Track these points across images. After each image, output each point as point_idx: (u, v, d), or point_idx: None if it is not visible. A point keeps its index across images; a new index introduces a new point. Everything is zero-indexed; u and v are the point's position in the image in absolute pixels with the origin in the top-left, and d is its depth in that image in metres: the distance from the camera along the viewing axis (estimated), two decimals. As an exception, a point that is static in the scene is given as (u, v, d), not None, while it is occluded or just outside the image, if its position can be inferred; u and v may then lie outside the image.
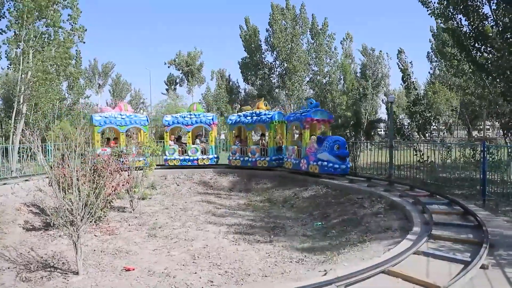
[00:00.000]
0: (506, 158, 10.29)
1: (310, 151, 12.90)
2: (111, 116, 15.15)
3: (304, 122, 13.15)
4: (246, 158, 15.29)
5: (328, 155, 12.25)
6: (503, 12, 11.03)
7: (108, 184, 8.68)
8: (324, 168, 12.32)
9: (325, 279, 4.09)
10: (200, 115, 16.50)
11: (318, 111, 13.49)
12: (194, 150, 16.12)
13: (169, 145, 16.26)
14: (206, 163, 16.11)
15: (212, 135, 16.47)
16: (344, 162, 12.25)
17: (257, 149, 15.12)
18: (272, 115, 14.93)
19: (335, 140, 12.54)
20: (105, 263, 6.69)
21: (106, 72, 45.06)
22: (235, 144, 15.93)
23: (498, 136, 25.30)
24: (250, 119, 15.36)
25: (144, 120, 15.98)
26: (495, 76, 11.99)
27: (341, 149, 12.29)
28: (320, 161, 12.46)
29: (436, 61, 30.34)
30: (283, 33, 33.00)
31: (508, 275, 4.26)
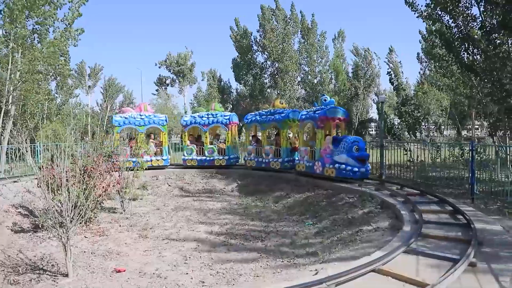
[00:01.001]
0: (494, 157, 10.45)
1: (325, 153, 11.79)
2: (131, 117, 15.63)
3: (318, 121, 12.11)
4: (261, 159, 14.68)
5: (346, 157, 11.10)
6: (490, 14, 11.19)
7: (98, 185, 8.63)
8: (342, 171, 11.17)
9: (316, 278, 4.11)
10: (218, 114, 16.03)
11: (333, 109, 12.37)
12: (211, 151, 15.78)
13: (187, 145, 16.16)
14: (222, 164, 15.66)
15: (228, 135, 15.91)
16: (364, 165, 11.15)
17: (271, 150, 14.40)
18: (286, 113, 14.10)
19: (354, 140, 11.48)
20: (95, 264, 6.64)
21: (95, 73, 44.67)
22: (251, 145, 15.40)
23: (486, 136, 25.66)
24: (265, 117, 14.70)
25: (163, 120, 16.09)
26: (482, 77, 12.16)
27: (360, 150, 11.22)
28: (337, 164, 11.32)
29: (426, 62, 30.66)
30: (274, 33, 33.08)
31: (496, 272, 4.32)
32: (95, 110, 44.15)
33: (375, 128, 44.58)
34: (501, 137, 15.02)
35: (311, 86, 34.39)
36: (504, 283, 4.05)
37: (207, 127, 15.92)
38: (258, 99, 35.08)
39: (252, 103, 36.05)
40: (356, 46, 39.33)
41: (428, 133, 35.64)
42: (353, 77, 37.98)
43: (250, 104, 35.91)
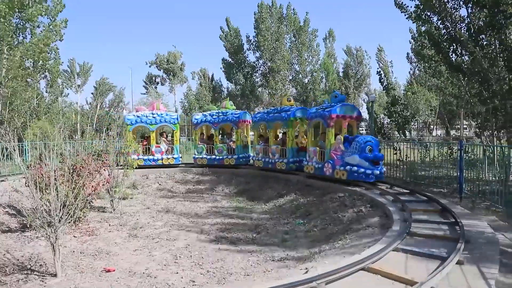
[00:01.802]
0: (481, 157, 10.58)
1: (336, 154, 10.93)
2: (143, 115, 15.78)
3: (328, 119, 11.17)
4: (267, 159, 14.05)
5: (359, 159, 10.26)
6: (477, 15, 11.35)
7: (87, 184, 8.55)
8: (354, 174, 10.33)
9: (306, 277, 4.13)
10: (228, 112, 15.67)
11: (344, 106, 11.44)
12: (220, 149, 15.54)
13: (197, 144, 16.07)
14: (231, 163, 15.34)
15: (238, 134, 15.46)
16: (377, 167, 10.29)
17: (277, 150, 13.68)
18: (291, 111, 13.29)
19: (367, 140, 10.56)
20: (85, 264, 6.58)
21: (85, 72, 44.14)
22: (259, 144, 14.87)
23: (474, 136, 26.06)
24: (272, 116, 14.02)
25: (174, 119, 16.05)
26: (470, 77, 12.33)
27: (374, 151, 10.35)
28: (348, 166, 10.48)
29: (416, 62, 30.98)
30: (269, 31, 33.07)
31: (483, 270, 4.39)
32: (84, 109, 43.63)
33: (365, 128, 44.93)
34: (489, 137, 15.24)
35: (302, 85, 34.48)
36: (490, 280, 4.11)
37: (217, 126, 15.79)
38: (249, 98, 35.08)
39: (244, 102, 36.02)
40: (349, 46, 39.57)
41: (418, 133, 36.01)
42: (344, 76, 38.19)
43: (241, 103, 35.87)
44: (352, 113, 11.60)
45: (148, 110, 16.36)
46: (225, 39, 36.14)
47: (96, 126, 39.90)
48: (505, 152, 9.34)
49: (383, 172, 10.74)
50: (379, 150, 10.73)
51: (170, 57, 45.25)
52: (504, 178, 8.71)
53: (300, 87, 34.45)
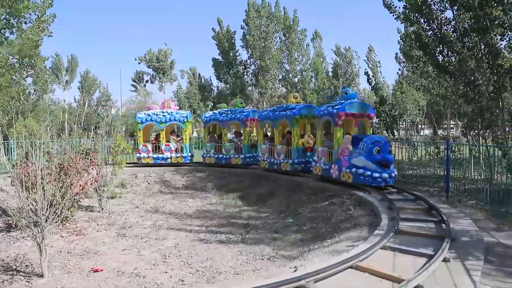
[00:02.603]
0: (468, 156, 10.75)
1: (343, 155, 10.18)
2: (153, 114, 15.82)
3: (336, 118, 10.40)
4: (272, 160, 13.33)
5: (365, 161, 9.52)
6: (463, 17, 11.53)
7: (75, 183, 8.45)
8: (360, 177, 9.63)
9: (295, 275, 4.15)
10: (236, 111, 15.35)
11: (355, 104, 10.62)
12: (228, 148, 15.15)
13: (206, 143, 15.89)
14: (238, 162, 14.95)
15: (245, 133, 15.01)
16: (386, 170, 9.47)
17: (282, 150, 12.91)
18: (297, 108, 12.49)
19: (375, 140, 9.70)
20: (72, 264, 6.50)
21: (72, 67, 43.44)
22: (264, 143, 14.10)
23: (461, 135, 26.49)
24: (277, 114, 13.27)
25: (184, 117, 15.90)
26: (456, 78, 12.52)
27: (383, 152, 9.52)
28: (354, 168, 9.77)
29: (404, 62, 31.31)
30: (258, 30, 33.06)
31: (468, 267, 4.47)
32: (72, 107, 43.09)
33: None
34: (475, 136, 15.49)
35: (292, 84, 34.57)
36: (475, 277, 4.19)
37: (226, 124, 15.47)
38: (240, 97, 35.04)
39: (234, 101, 35.96)
40: (338, 46, 39.79)
41: (406, 132, 36.42)
42: (333, 76, 38.41)
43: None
44: (363, 111, 10.77)
45: (160, 108, 16.38)
46: (217, 38, 36.05)
47: (84, 124, 39.47)
48: (490, 152, 9.51)
49: (394, 176, 9.72)
50: (389, 151, 9.75)
51: (160, 55, 44.97)
52: (489, 177, 8.88)
53: (290, 86, 34.53)
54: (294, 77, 34.74)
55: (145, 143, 15.96)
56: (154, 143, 16.00)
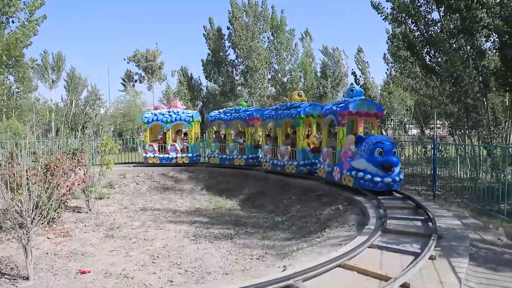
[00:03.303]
0: (454, 155, 10.95)
1: (346, 156, 9.48)
2: (160, 113, 15.75)
3: (339, 116, 9.76)
4: (276, 161, 12.66)
5: (366, 163, 8.84)
6: (449, 18, 11.72)
7: (62, 184, 8.33)
8: (360, 181, 8.91)
9: (283, 274, 4.16)
10: (240, 110, 14.84)
11: (360, 101, 9.87)
12: (231, 149, 14.70)
13: (211, 143, 15.60)
14: (241, 163, 14.45)
15: (248, 132, 14.50)
16: (389, 174, 8.69)
17: (286, 151, 12.21)
18: (302, 107, 11.80)
19: (377, 141, 8.94)
20: (58, 266, 6.41)
21: (59, 66, 42.70)
22: (267, 144, 13.47)
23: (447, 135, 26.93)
24: (281, 112, 12.53)
25: (190, 116, 15.66)
26: (443, 78, 12.72)
27: (386, 154, 8.73)
28: (354, 171, 9.10)
29: (392, 63, 31.64)
30: (244, 30, 33.01)
31: (453, 264, 4.54)
32: (59, 106, 42.46)
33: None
34: (461, 136, 15.75)
35: (281, 84, 34.64)
36: (460, 274, 4.27)
37: (230, 123, 14.97)
38: (229, 97, 34.98)
39: (223, 100, 35.89)
40: (325, 46, 39.98)
41: (394, 132, 36.82)
42: (321, 76, 38.60)
43: (221, 102, 35.74)
44: (370, 109, 10.00)
45: (167, 108, 16.27)
46: (207, 38, 35.95)
47: (72, 124, 38.95)
48: (476, 151, 9.68)
49: (399, 181, 8.95)
50: (393, 153, 8.86)
51: (149, 55, 44.61)
52: (475, 176, 9.04)
53: (279, 86, 34.60)
54: (283, 77, 34.80)
55: (151, 142, 15.91)
56: (160, 143, 15.89)
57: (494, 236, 6.12)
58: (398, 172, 9.03)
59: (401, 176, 9.07)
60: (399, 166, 9.08)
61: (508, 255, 5.23)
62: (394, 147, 9.01)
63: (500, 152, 8.52)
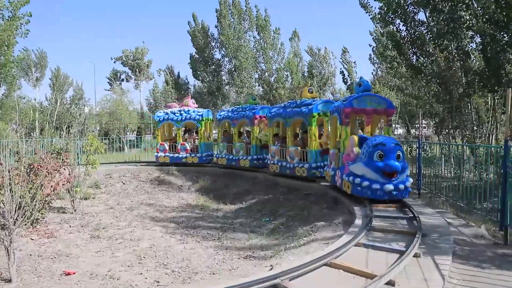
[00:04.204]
0: (438, 155, 11.11)
1: (348, 159, 8.50)
2: (171, 113, 15.55)
3: (343, 115, 8.82)
4: (284, 164, 11.66)
5: (364, 168, 7.85)
6: (435, 20, 11.91)
7: (46, 184, 8.20)
8: (357, 187, 7.99)
9: (270, 273, 4.18)
10: (246, 108, 14.14)
11: (366, 98, 8.89)
12: (238, 149, 14.05)
13: (219, 142, 15.13)
14: (246, 165, 13.69)
15: (253, 132, 13.70)
16: (391, 181, 7.65)
17: (296, 152, 11.22)
18: (314, 104, 10.78)
19: (377, 143, 7.85)
20: (42, 268, 6.30)
21: (42, 63, 41.88)
22: (274, 144, 12.45)
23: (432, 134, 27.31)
24: (290, 110, 11.55)
25: (199, 115, 15.32)
26: (429, 79, 12.92)
27: (387, 158, 7.66)
28: (352, 176, 8.15)
29: (378, 63, 31.97)
30: (231, 29, 32.97)
31: (437, 262, 4.62)
32: (43, 105, 41.71)
33: (330, 127, 46.00)
34: (445, 135, 16.03)
35: (268, 84, 34.69)
36: (444, 271, 4.34)
37: (236, 122, 14.25)
38: (216, 96, 34.90)
39: (211, 100, 35.78)
40: (310, 46, 40.22)
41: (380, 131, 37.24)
42: (308, 76, 38.79)
43: (208, 101, 35.62)
44: (378, 106, 8.94)
45: (179, 107, 16.13)
46: (193, 35, 35.74)
47: (56, 124, 38.32)
48: (460, 150, 9.85)
49: (404, 189, 7.79)
50: (397, 157, 7.75)
51: (137, 53, 44.15)
52: (458, 175, 9.20)
53: (267, 86, 34.66)
54: (270, 76, 34.87)
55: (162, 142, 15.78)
56: (171, 142, 15.71)
57: (477, 234, 6.25)
58: (405, 178, 7.90)
59: (407, 184, 7.86)
60: (405, 171, 7.95)
61: (490, 252, 5.34)
62: (398, 149, 7.87)
63: (483, 152, 8.67)
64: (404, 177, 7.93)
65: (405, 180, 7.91)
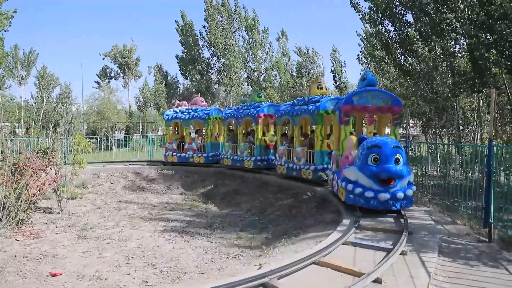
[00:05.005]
0: (425, 154, 11.25)
1: (345, 162, 7.60)
2: (180, 111, 15.31)
3: (342, 113, 8.01)
4: (291, 165, 10.96)
5: (358, 173, 6.94)
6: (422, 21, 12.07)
7: (32, 184, 8.07)
8: (349, 195, 7.12)
9: (259, 272, 4.19)
10: (251, 106, 13.37)
11: (368, 93, 7.89)
12: (242, 149, 13.28)
13: (225, 142, 14.46)
14: (250, 166, 12.92)
15: (257, 131, 12.84)
16: (387, 188, 6.69)
17: (302, 153, 10.50)
18: (321, 102, 9.92)
19: (373, 145, 6.89)
20: (28, 269, 6.19)
21: (29, 62, 41.18)
22: (282, 144, 11.73)
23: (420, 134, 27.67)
24: (298, 108, 10.71)
25: (206, 114, 14.88)
26: (416, 79, 13.09)
27: (381, 162, 6.70)
28: (345, 182, 7.29)
29: (366, 63, 32.24)
30: (219, 29, 32.91)
31: (423, 259, 4.70)
32: (29, 103, 41.01)
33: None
34: (432, 135, 16.25)
35: (257, 83, 34.73)
36: (430, 268, 4.41)
37: (241, 121, 13.48)
38: (205, 95, 34.79)
39: (200, 99, 35.63)
40: (298, 47, 40.41)
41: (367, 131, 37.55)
42: (297, 75, 38.98)
43: (197, 99, 35.48)
44: (383, 103, 7.96)
45: (189, 105, 15.93)
46: (181, 33, 35.56)
47: (43, 122, 37.71)
48: (446, 149, 10.00)
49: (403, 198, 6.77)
50: (395, 160, 6.75)
51: (125, 51, 43.67)
52: (445, 173, 9.33)
53: (256, 85, 34.69)
54: (259, 76, 34.92)
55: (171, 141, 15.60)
56: (180, 142, 15.47)
57: (462, 232, 6.36)
58: (405, 186, 6.87)
59: (408, 192, 6.84)
60: (406, 178, 6.90)
61: (475, 249, 5.43)
62: (397, 152, 6.82)
63: (468, 151, 8.82)
64: (405, 184, 6.89)
65: (406, 188, 6.88)
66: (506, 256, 5.11)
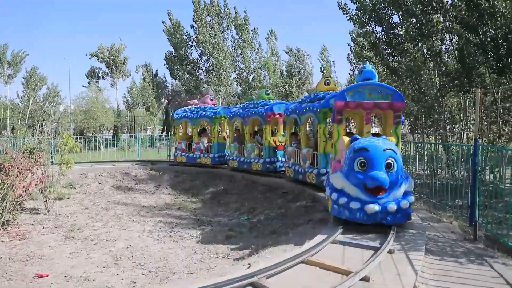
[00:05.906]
0: (413, 153, 11.39)
1: (337, 166, 6.63)
2: (188, 111, 14.93)
3: (335, 111, 7.14)
4: (297, 167, 10.03)
5: (344, 180, 6.02)
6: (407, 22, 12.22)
7: (17, 184, 7.95)
8: (333, 205, 6.20)
9: (247, 272, 4.19)
10: (259, 104, 12.41)
11: (365, 88, 6.96)
12: (249, 150, 12.49)
13: (230, 143, 13.69)
14: (258, 168, 12.09)
15: (266, 131, 11.96)
16: (376, 199, 5.70)
17: (308, 155, 9.58)
18: (325, 99, 8.77)
19: (359, 147, 5.87)
20: (13, 271, 6.10)
21: (16, 62, 40.48)
22: (291, 145, 10.83)
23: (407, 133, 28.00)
24: (305, 106, 9.69)
25: (213, 113, 14.28)
26: (404, 78, 13.25)
27: (369, 167, 5.71)
28: (330, 190, 6.38)
29: (355, 63, 32.51)
30: (208, 28, 32.83)
31: (410, 257, 4.75)
32: (15, 103, 40.35)
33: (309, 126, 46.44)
34: (420, 134, 16.46)
35: (246, 83, 34.73)
36: (417, 266, 4.47)
37: (247, 120, 12.53)
38: (195, 94, 34.69)
39: (189, 98, 35.50)
40: (289, 46, 40.60)
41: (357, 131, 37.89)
42: (287, 75, 39.12)
43: (186, 99, 35.33)
44: (381, 99, 6.94)
45: (199, 104, 15.56)
46: (168, 33, 35.38)
47: (29, 122, 37.13)
48: (433, 148, 10.13)
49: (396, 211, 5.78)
50: (386, 165, 5.72)
51: (113, 50, 43.26)
52: (433, 172, 9.46)
53: (245, 85, 34.70)
54: (249, 75, 34.95)
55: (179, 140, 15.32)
56: (189, 141, 15.03)
57: (448, 230, 6.45)
58: (399, 197, 5.87)
59: (402, 204, 5.82)
60: (400, 186, 5.89)
61: (461, 247, 5.52)
62: (389, 156, 5.77)
63: (455, 150, 8.95)
64: (400, 194, 5.89)
65: (401, 198, 5.87)
66: (490, 254, 5.20)
